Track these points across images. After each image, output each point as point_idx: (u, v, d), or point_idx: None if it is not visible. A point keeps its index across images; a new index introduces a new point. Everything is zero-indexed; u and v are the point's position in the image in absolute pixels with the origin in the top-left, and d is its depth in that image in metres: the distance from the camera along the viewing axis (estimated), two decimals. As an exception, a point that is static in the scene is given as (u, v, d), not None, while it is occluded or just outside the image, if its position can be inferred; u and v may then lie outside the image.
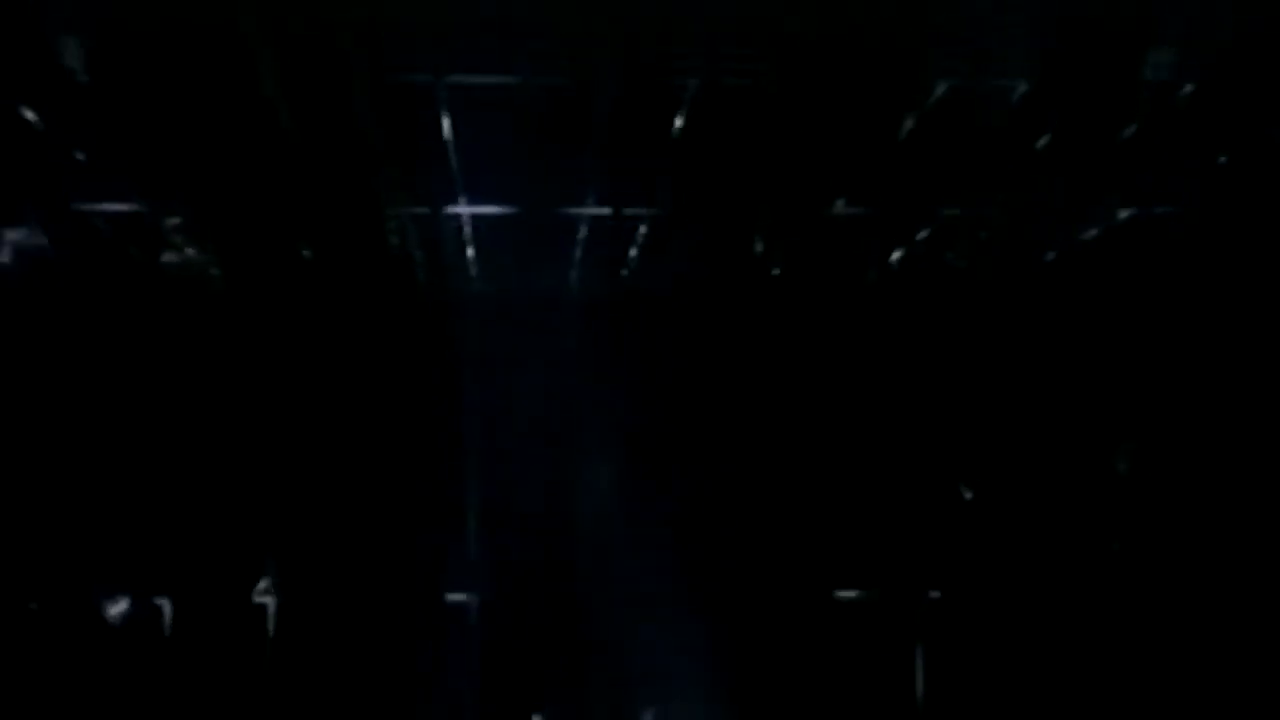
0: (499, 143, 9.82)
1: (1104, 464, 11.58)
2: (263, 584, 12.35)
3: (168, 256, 11.81)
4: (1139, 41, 8.67)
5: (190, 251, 11.74)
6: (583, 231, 11.62)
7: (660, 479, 12.39)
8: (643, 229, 11.48)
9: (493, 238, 11.81)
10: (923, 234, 11.51)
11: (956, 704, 12.06)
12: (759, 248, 11.65)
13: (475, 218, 11.25)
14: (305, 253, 11.88)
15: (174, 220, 11.14)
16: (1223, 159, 10.07)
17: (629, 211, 11.03)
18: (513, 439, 12.33)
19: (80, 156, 9.74)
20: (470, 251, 12.17)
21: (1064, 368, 11.24)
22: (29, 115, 8.84)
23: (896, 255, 12.13)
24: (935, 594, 12.31)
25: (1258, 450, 11.23)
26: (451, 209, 11.01)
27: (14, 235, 11.52)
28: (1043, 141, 9.67)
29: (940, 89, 9.15)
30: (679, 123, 9.47)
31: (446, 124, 9.55)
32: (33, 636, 11.70)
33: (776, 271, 12.18)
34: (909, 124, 9.61)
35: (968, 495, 12.38)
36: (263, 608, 12.32)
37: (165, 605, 12.15)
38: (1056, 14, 8.11)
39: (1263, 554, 11.26)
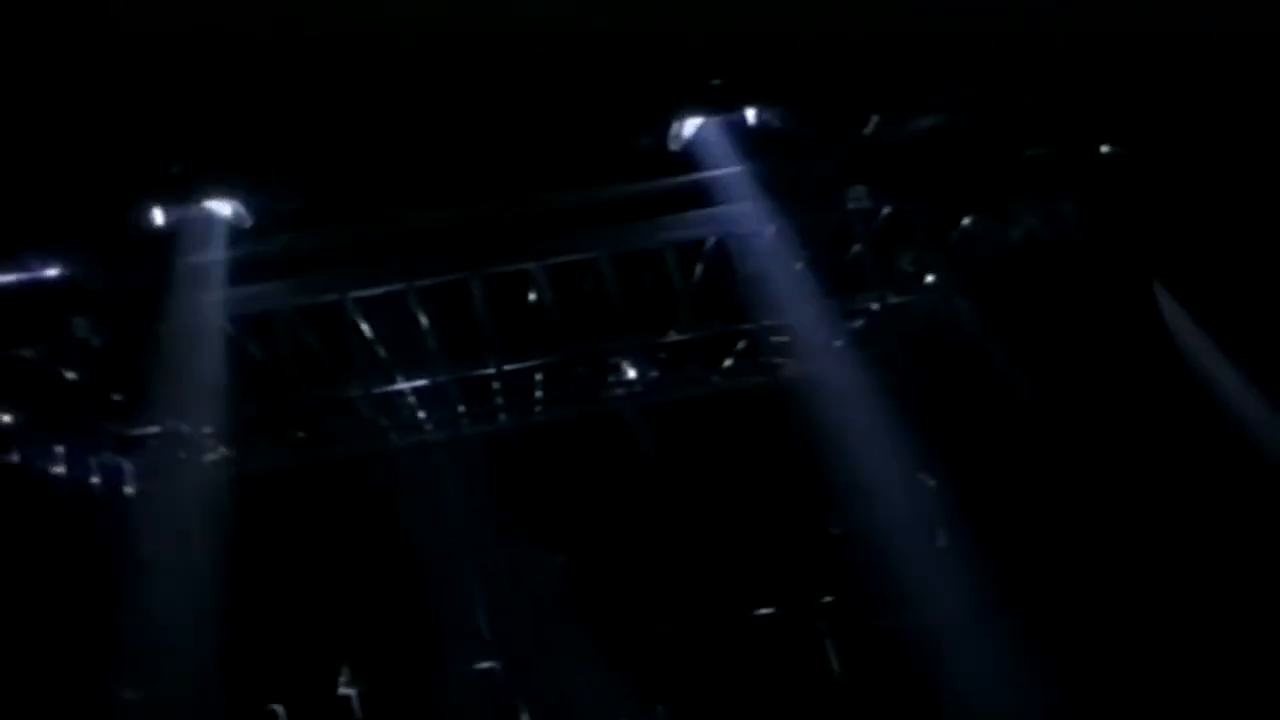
0: (409, 330, 11.86)
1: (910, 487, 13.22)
2: (342, 679, 14.63)
3: (208, 455, 13.91)
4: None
5: (222, 450, 13.85)
6: (496, 385, 13.77)
7: (602, 554, 14.79)
8: (539, 376, 13.56)
9: (432, 400, 13.96)
10: (741, 345, 13.50)
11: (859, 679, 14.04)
12: (628, 375, 13.74)
13: (414, 389, 13.24)
14: (300, 434, 14.10)
15: (207, 430, 13.25)
16: (926, 258, 12.03)
17: (517, 366, 12.81)
18: (477, 537, 14.20)
19: (118, 397, 12.07)
20: (421, 413, 14.29)
21: (866, 433, 12.75)
22: (70, 375, 11.20)
23: (728, 363, 14.31)
24: (829, 599, 14.60)
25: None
26: (390, 387, 12.98)
27: (101, 459, 13.72)
28: (798, 266, 11.59)
29: (710, 242, 11.39)
30: (533, 296, 11.59)
31: (365, 326, 11.68)
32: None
33: (639, 389, 14.21)
34: (699, 268, 11.77)
35: (835, 531, 14.41)
36: (347, 698, 14.71)
37: (279, 709, 14.53)
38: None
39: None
